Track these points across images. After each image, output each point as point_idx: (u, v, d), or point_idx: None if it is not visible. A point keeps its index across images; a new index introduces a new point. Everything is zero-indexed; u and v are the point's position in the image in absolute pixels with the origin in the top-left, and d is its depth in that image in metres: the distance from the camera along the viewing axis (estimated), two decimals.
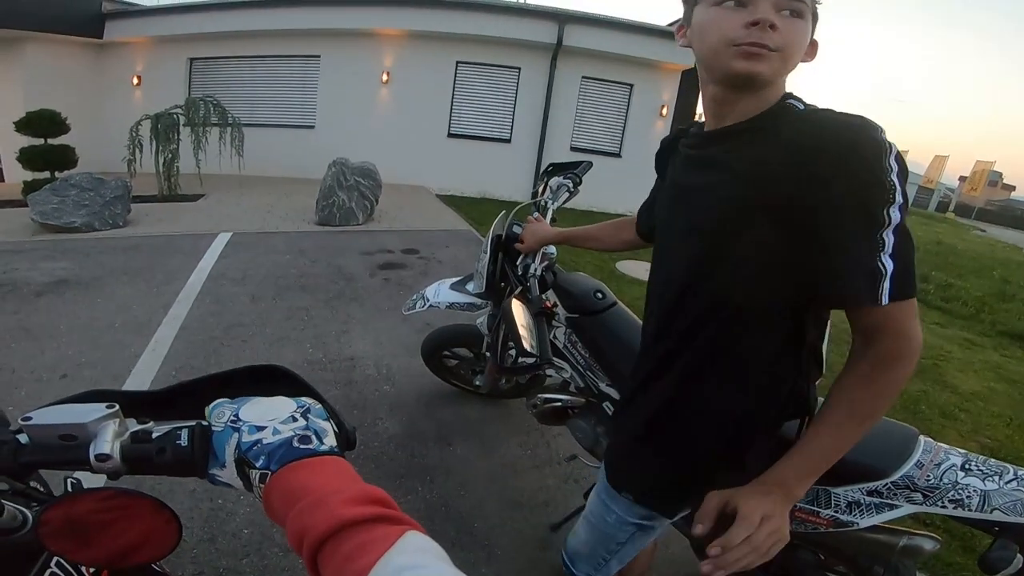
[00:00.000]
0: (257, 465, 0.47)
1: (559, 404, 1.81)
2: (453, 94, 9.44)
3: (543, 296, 1.59)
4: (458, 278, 2.29)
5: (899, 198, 0.66)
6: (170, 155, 7.40)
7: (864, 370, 0.75)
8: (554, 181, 1.81)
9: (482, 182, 9.57)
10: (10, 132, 7.17)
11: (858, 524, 1.11)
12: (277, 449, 0.47)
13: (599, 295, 1.71)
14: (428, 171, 9.50)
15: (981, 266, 9.84)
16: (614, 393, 1.61)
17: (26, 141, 7.17)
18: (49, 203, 5.58)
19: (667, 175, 1.03)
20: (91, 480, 0.52)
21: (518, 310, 1.29)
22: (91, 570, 0.65)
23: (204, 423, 0.51)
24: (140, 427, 0.52)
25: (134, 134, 7.22)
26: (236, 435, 0.49)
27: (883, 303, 0.68)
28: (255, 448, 0.48)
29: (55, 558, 0.61)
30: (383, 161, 7.35)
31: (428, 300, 2.25)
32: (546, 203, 1.74)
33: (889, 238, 0.67)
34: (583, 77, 9.36)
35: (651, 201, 1.22)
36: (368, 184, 6.67)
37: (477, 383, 2.54)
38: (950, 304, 6.39)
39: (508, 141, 9.69)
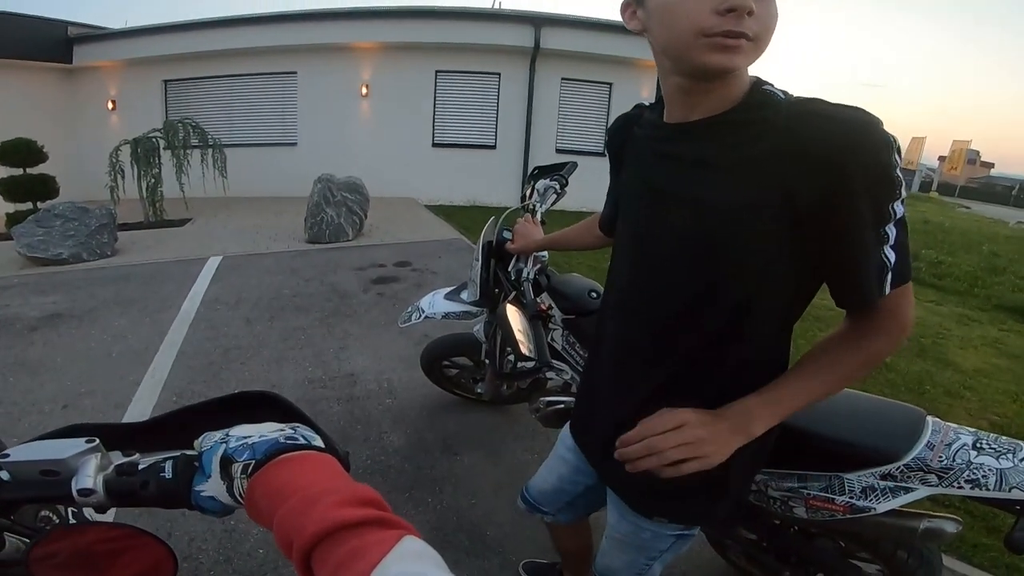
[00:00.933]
0: (240, 459, 0.46)
1: (562, 406, 1.82)
2: (435, 103, 9.46)
3: (538, 299, 1.60)
4: (452, 288, 2.30)
5: (903, 192, 0.67)
6: (152, 180, 7.35)
7: (853, 338, 0.76)
8: (541, 184, 1.81)
9: (470, 190, 9.58)
10: None
11: (875, 509, 1.10)
12: (263, 443, 0.47)
13: (593, 295, 1.72)
14: (415, 182, 9.49)
15: (970, 242, 9.95)
16: None
17: (4, 172, 7.09)
18: (34, 235, 5.53)
19: (627, 166, 0.94)
20: (93, 513, 0.52)
21: (513, 315, 1.30)
22: None
23: (189, 453, 0.50)
24: (126, 460, 0.51)
25: (114, 160, 7.13)
26: (223, 446, 0.48)
27: (885, 293, 0.69)
28: (240, 448, 0.47)
29: None
30: (369, 175, 7.35)
31: (423, 312, 2.25)
32: (534, 206, 1.74)
33: (892, 231, 0.67)
34: (563, 79, 9.42)
35: (613, 198, 1.13)
36: (356, 199, 6.66)
37: (479, 391, 2.55)
38: (943, 281, 6.48)
39: (493, 147, 9.72)
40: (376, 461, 2.34)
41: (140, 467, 0.49)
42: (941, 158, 31.26)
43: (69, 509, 0.86)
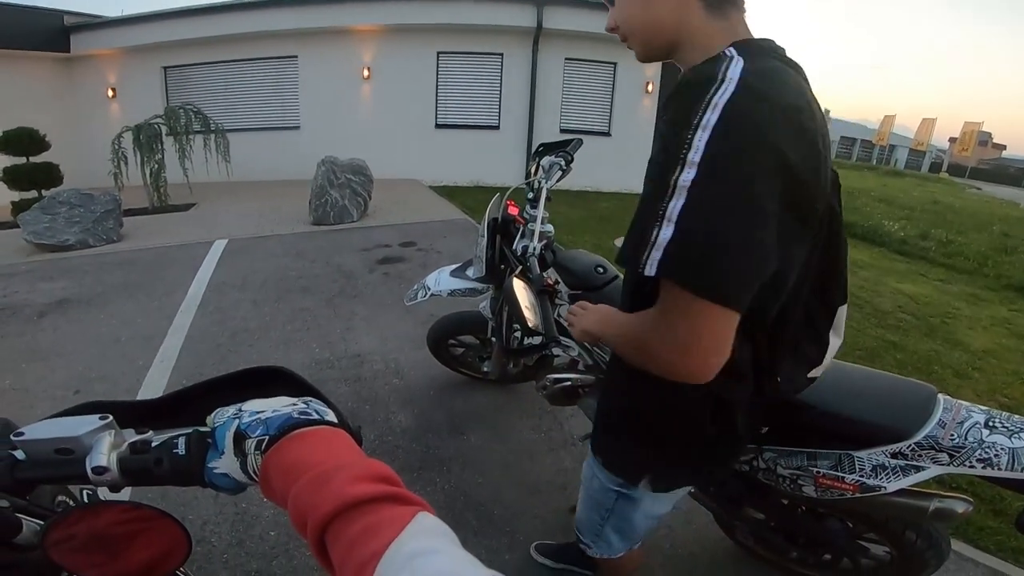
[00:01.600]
0: (254, 435, 0.45)
1: (569, 384, 1.81)
2: (437, 85, 9.36)
3: (544, 274, 1.59)
4: (457, 265, 2.29)
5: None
6: (156, 166, 7.33)
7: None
8: (546, 160, 1.80)
9: (474, 170, 9.53)
10: None
11: (886, 488, 1.09)
12: (276, 419, 0.46)
13: (600, 270, 1.71)
14: (419, 163, 9.45)
15: (980, 222, 9.85)
16: None
17: (8, 161, 7.10)
18: (40, 222, 5.54)
19: None
20: (107, 493, 0.52)
21: (520, 289, 1.28)
22: None
23: (202, 429, 0.50)
24: (139, 437, 0.50)
25: (116, 147, 7.13)
26: (236, 421, 0.48)
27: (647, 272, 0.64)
28: (253, 423, 0.47)
29: None
30: (373, 157, 7.30)
31: (429, 289, 2.25)
32: (539, 183, 1.73)
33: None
34: (566, 59, 9.31)
35: None
36: (360, 180, 6.63)
37: (485, 369, 2.55)
38: (952, 260, 6.43)
39: (497, 128, 9.63)
40: (384, 441, 2.36)
41: (153, 444, 0.49)
42: (952, 139, 30.86)
43: (84, 492, 0.87)
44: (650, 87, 9.57)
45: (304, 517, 0.38)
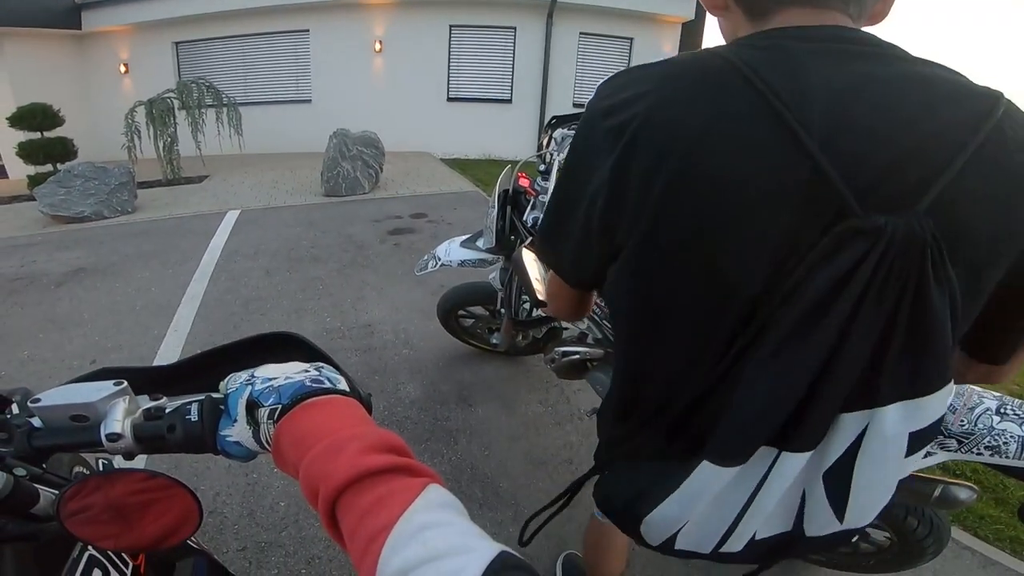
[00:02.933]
0: (267, 403, 0.45)
1: (577, 357, 1.81)
2: (449, 58, 9.22)
3: None
4: (468, 236, 2.28)
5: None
6: (169, 139, 7.34)
7: None
8: (558, 133, 1.79)
9: (485, 144, 9.42)
10: (5, 129, 7.18)
11: None
12: (288, 387, 0.46)
13: None
14: (430, 136, 9.36)
15: None
16: None
17: (23, 136, 7.16)
18: (56, 195, 5.61)
19: None
20: (122, 462, 0.52)
21: (530, 260, 1.26)
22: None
23: (215, 396, 0.49)
24: (153, 404, 0.50)
25: (130, 121, 7.15)
26: (248, 388, 0.47)
27: None
28: (266, 391, 0.46)
29: (88, 547, 0.60)
30: (385, 129, 7.25)
31: (440, 259, 2.25)
32: (552, 156, 1.72)
33: None
34: (581, 33, 9.12)
35: None
36: (371, 153, 6.60)
37: (495, 341, 2.54)
38: None
39: (509, 101, 9.50)
40: (393, 412, 2.38)
41: (167, 411, 0.49)
42: None
43: (100, 461, 0.87)
44: None
45: (315, 487, 0.38)
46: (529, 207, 1.72)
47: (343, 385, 0.49)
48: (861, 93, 0.49)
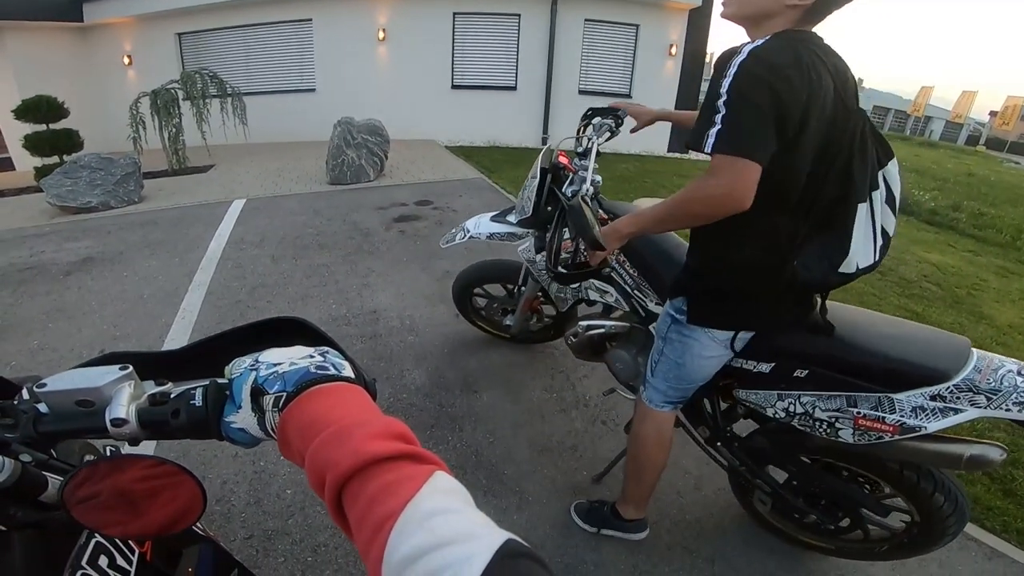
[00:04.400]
0: (272, 391, 0.45)
1: (602, 331, 1.84)
2: (453, 45, 9.15)
3: (599, 211, 1.73)
4: (497, 212, 2.28)
5: (723, 91, 1.03)
6: (174, 129, 7.35)
7: (696, 179, 1.11)
8: (597, 121, 1.86)
9: (490, 131, 9.38)
10: (10, 122, 7.20)
11: (926, 428, 1.12)
12: (293, 374, 0.45)
13: None
14: (435, 124, 9.32)
15: (1016, 196, 9.42)
16: (659, 309, 1.63)
17: (28, 129, 7.19)
18: (63, 186, 5.63)
19: None
20: (129, 449, 0.51)
21: (587, 209, 1.31)
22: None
23: (220, 381, 0.49)
24: (158, 389, 0.50)
25: (134, 111, 7.17)
26: (253, 374, 0.47)
27: (705, 149, 1.05)
28: (271, 378, 0.46)
29: (95, 534, 0.60)
30: (389, 118, 7.22)
31: (469, 232, 2.25)
32: (591, 138, 1.77)
33: (720, 110, 1.03)
34: (586, 20, 9.03)
35: None
36: (376, 140, 6.57)
37: (507, 323, 2.53)
38: (984, 232, 6.19)
39: (514, 89, 9.43)
40: (398, 399, 2.38)
41: (172, 396, 0.48)
42: (992, 113, 29.50)
43: (108, 448, 0.88)
44: (673, 50, 9.31)
45: (321, 475, 0.38)
46: (567, 182, 1.81)
47: (348, 371, 0.48)
48: (802, 62, 1.02)
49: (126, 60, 9.75)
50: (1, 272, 3.90)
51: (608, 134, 1.85)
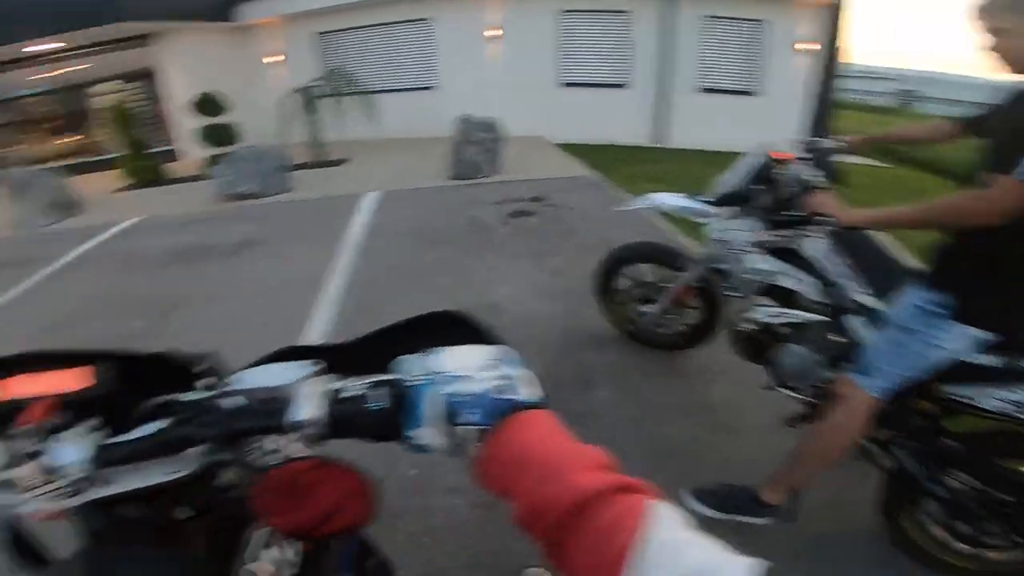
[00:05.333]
0: (468, 420, 0.43)
1: (785, 321, 1.76)
2: (562, 44, 9.20)
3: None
4: (685, 194, 2.26)
5: None
6: (317, 124, 8.11)
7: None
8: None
9: (599, 129, 9.25)
10: (175, 116, 8.12)
11: None
12: (486, 403, 0.44)
13: None
14: (545, 122, 9.37)
15: None
16: (870, 301, 1.59)
17: (192, 123, 8.20)
18: (226, 175, 6.47)
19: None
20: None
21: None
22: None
23: (402, 380, 0.47)
24: (339, 384, 0.48)
25: (285, 108, 7.97)
26: (433, 388, 0.45)
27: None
28: (458, 401, 0.44)
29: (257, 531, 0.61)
30: (501, 115, 7.37)
31: (651, 201, 2.27)
32: (823, 147, 1.85)
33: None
34: (705, 16, 8.68)
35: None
36: (492, 138, 6.83)
37: (643, 310, 2.53)
38: None
39: (624, 86, 9.31)
40: None
41: (354, 395, 0.47)
42: None
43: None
44: (805, 46, 8.69)
45: (539, 514, 0.38)
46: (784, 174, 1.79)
47: (532, 385, 0.47)
48: None
49: (274, 58, 10.65)
50: (182, 249, 4.61)
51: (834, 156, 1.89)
